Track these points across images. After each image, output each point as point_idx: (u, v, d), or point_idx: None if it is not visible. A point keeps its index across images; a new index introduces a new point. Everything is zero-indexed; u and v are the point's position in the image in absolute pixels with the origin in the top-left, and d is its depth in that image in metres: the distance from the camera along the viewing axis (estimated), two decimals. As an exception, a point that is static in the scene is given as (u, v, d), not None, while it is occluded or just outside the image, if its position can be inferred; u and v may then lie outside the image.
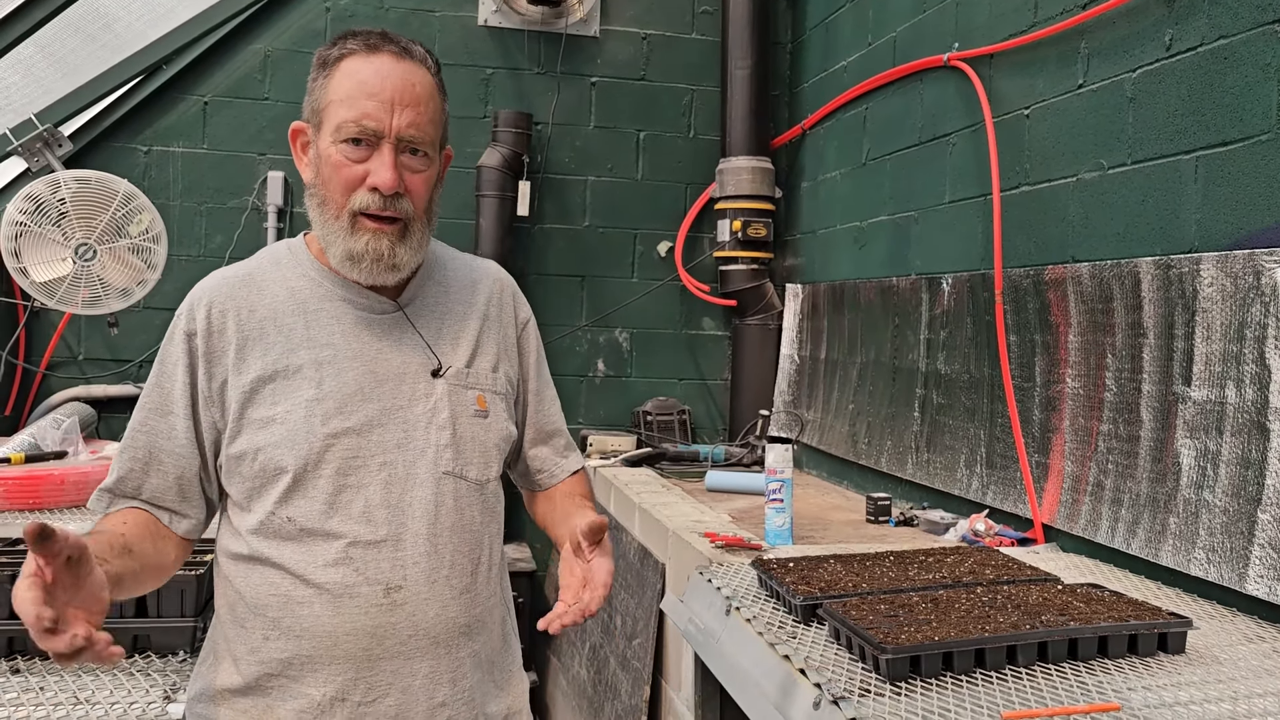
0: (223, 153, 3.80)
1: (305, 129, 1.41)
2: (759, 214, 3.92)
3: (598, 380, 4.15)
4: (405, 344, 1.42)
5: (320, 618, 1.32)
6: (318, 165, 1.38)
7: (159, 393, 1.40)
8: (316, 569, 1.33)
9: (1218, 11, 1.91)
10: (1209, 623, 1.71)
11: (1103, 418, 2.14)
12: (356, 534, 1.34)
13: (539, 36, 4.04)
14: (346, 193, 1.34)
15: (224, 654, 1.39)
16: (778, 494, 2.34)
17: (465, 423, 1.43)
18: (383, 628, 1.33)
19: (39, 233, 2.87)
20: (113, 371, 3.72)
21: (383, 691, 1.34)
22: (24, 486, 2.46)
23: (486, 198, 3.85)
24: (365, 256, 1.35)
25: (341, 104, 1.34)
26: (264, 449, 1.34)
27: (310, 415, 1.34)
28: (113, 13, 3.40)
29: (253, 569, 1.36)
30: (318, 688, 1.33)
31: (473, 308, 1.51)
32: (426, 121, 1.37)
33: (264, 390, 1.36)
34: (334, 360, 1.38)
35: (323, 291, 1.42)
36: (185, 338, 1.40)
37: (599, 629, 3.11)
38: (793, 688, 1.47)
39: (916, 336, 2.96)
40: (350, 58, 1.36)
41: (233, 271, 1.45)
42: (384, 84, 1.33)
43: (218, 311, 1.40)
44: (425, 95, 1.37)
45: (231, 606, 1.39)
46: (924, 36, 3.02)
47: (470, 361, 1.46)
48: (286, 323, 1.39)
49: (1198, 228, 1.95)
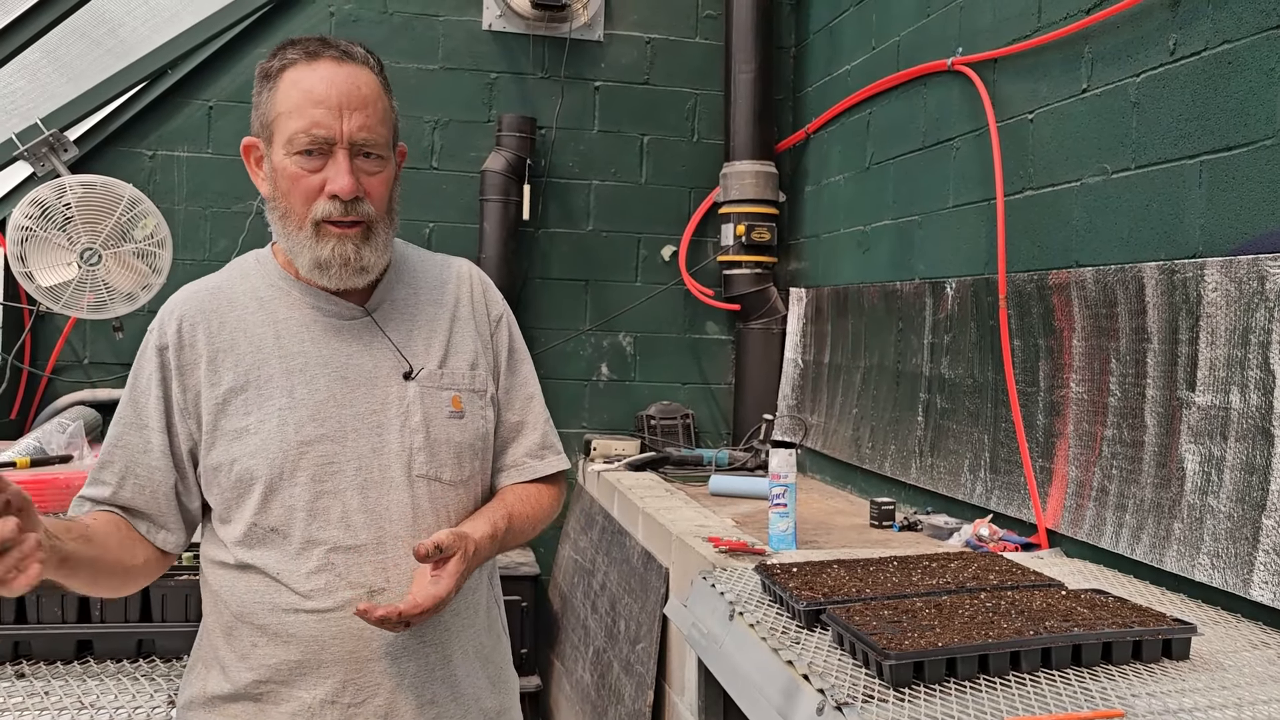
0: (227, 157, 3.81)
1: (257, 144, 1.42)
2: (763, 218, 3.92)
3: (601, 384, 4.15)
4: (375, 348, 1.43)
5: (306, 623, 1.34)
6: (274, 179, 1.39)
7: (133, 407, 1.41)
8: (300, 576, 1.34)
9: (1222, 16, 1.91)
10: (1213, 629, 1.70)
11: (1107, 423, 2.14)
12: (337, 540, 1.35)
13: (543, 41, 4.05)
14: (307, 203, 1.35)
15: (213, 662, 1.40)
16: (781, 498, 2.34)
17: (439, 425, 1.43)
18: (368, 630, 1.34)
19: (45, 237, 2.88)
20: (118, 375, 3.72)
21: (372, 692, 1.36)
22: (29, 490, 2.45)
23: (490, 202, 3.85)
24: (333, 262, 1.36)
25: (290, 115, 1.34)
26: (239, 460, 1.35)
27: (283, 424, 1.35)
28: (118, 18, 3.41)
29: (238, 578, 1.37)
30: (308, 690, 1.34)
31: (443, 307, 1.50)
32: (376, 123, 1.37)
33: (236, 401, 1.37)
34: (304, 369, 1.38)
35: (291, 300, 1.43)
36: (157, 351, 1.40)
37: (603, 633, 3.11)
38: (796, 693, 1.47)
39: (920, 341, 2.96)
40: (292, 68, 1.37)
41: (202, 285, 1.46)
42: (329, 90, 1.34)
43: (188, 325, 1.40)
44: (372, 96, 1.37)
45: (218, 615, 1.40)
46: (928, 41, 3.02)
47: (443, 362, 1.46)
48: (256, 333, 1.40)
49: (1202, 232, 1.95)
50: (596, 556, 3.37)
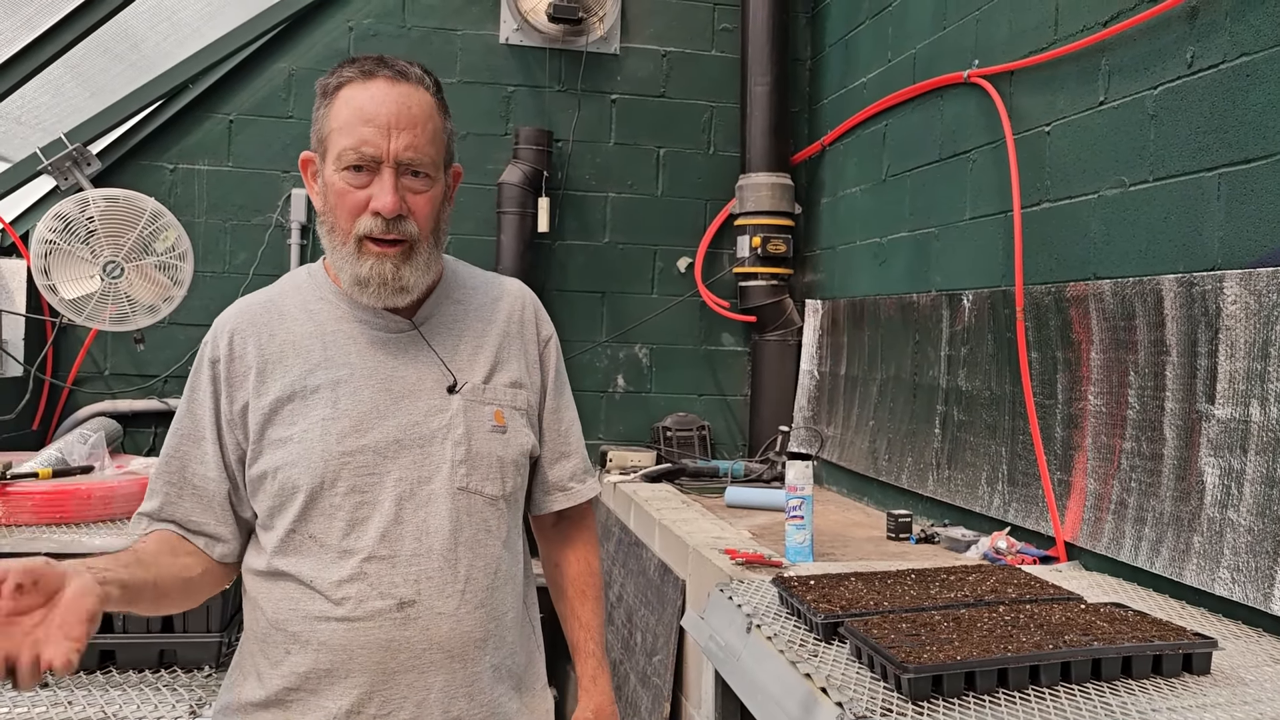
0: (247, 170, 3.85)
1: (313, 158, 1.45)
2: (779, 230, 3.93)
3: (618, 396, 4.16)
4: (420, 361, 1.45)
5: (336, 631, 1.35)
6: (325, 193, 1.41)
7: (190, 419, 1.44)
8: (332, 584, 1.36)
9: (1240, 29, 1.91)
10: (1234, 643, 1.69)
11: (1125, 435, 2.13)
12: (372, 549, 1.36)
13: (560, 54, 4.07)
14: (351, 219, 1.37)
15: (249, 669, 1.42)
16: (798, 510, 2.34)
17: (481, 438, 1.44)
18: (396, 641, 1.35)
19: (68, 250, 2.91)
20: (138, 387, 3.76)
21: (398, 705, 1.36)
22: (51, 501, 2.48)
23: (507, 214, 3.88)
24: (371, 280, 1.38)
25: (341, 132, 1.37)
26: (281, 468, 1.37)
27: (326, 434, 1.37)
28: (140, 33, 3.45)
29: (274, 585, 1.39)
30: (335, 700, 1.35)
31: (492, 324, 1.52)
32: (425, 142, 1.39)
33: (282, 411, 1.39)
34: (350, 380, 1.41)
35: (339, 314, 1.45)
36: (210, 364, 1.44)
37: (619, 645, 3.11)
38: (814, 706, 1.47)
39: (937, 353, 2.96)
40: (347, 85, 1.39)
41: (255, 299, 1.49)
42: (379, 109, 1.36)
43: (239, 338, 1.43)
44: (423, 116, 1.39)
45: (255, 622, 1.42)
46: (944, 53, 3.02)
47: (488, 378, 1.48)
48: (305, 345, 1.42)
49: (1221, 245, 1.94)
50: (613, 568, 3.38)
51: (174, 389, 3.78)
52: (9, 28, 2.94)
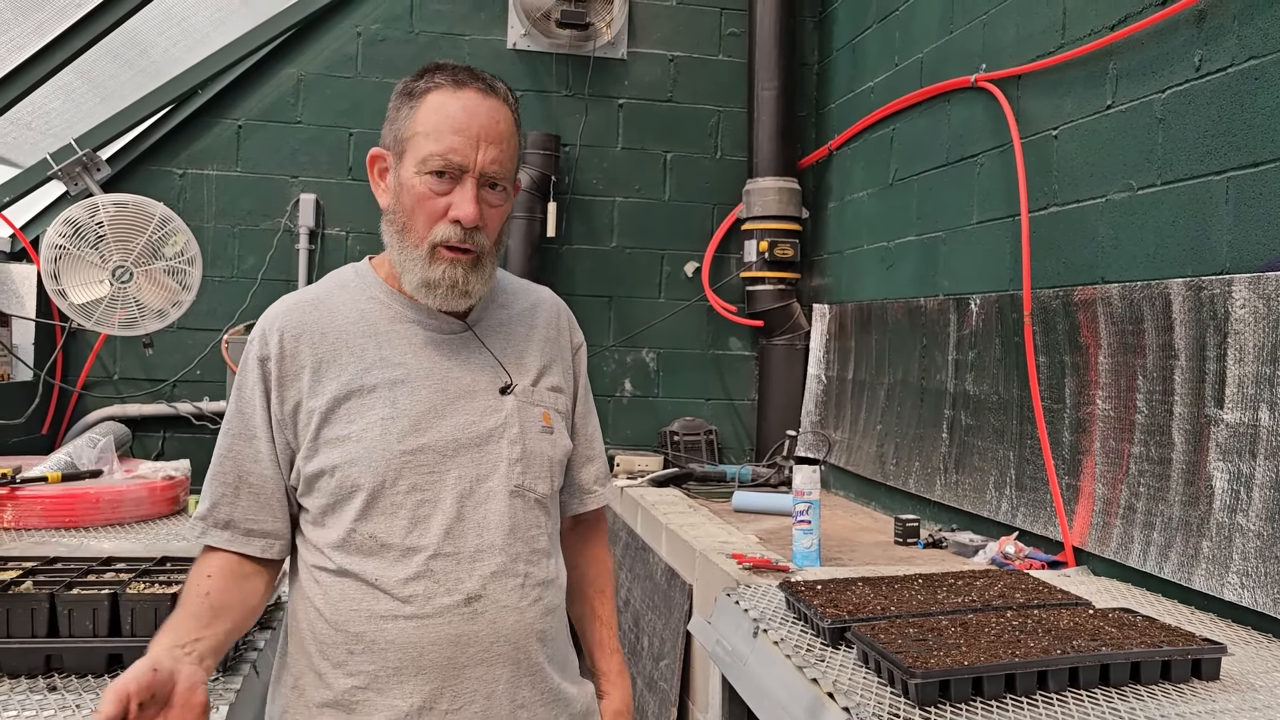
0: (256, 175, 3.86)
1: (385, 156, 1.45)
2: (786, 234, 3.93)
3: (625, 400, 4.16)
4: (474, 362, 1.47)
5: (404, 630, 1.36)
6: (398, 193, 1.42)
7: (240, 419, 1.44)
8: (398, 583, 1.36)
9: (1248, 33, 1.91)
10: (1244, 649, 1.68)
11: (1134, 440, 2.12)
12: (436, 547, 1.38)
13: (567, 59, 4.08)
14: (429, 224, 1.39)
15: (305, 670, 1.41)
16: (805, 515, 2.34)
17: (534, 438, 1.47)
18: (465, 636, 1.37)
19: (77, 255, 2.92)
20: (147, 391, 3.78)
21: (468, 699, 1.38)
22: (60, 505, 2.49)
23: (515, 218, 3.88)
24: (441, 284, 1.40)
25: (427, 137, 1.38)
26: (340, 466, 1.38)
27: (386, 433, 1.38)
28: (150, 39, 3.47)
29: (334, 585, 1.39)
30: (404, 699, 1.36)
31: (535, 329, 1.56)
32: (507, 158, 1.41)
33: (340, 410, 1.40)
34: (407, 379, 1.42)
35: (392, 313, 1.46)
36: (259, 363, 1.43)
37: (626, 649, 3.11)
38: (821, 711, 1.46)
39: (944, 357, 2.95)
40: (436, 91, 1.40)
41: (302, 296, 1.49)
42: (470, 121, 1.38)
43: (290, 336, 1.43)
44: (507, 133, 1.42)
45: (310, 624, 1.41)
46: (951, 57, 3.02)
47: (536, 380, 1.52)
48: (358, 344, 1.43)
49: (1229, 249, 1.94)
50: (620, 573, 3.38)
51: (182, 393, 3.79)
52: (20, 34, 2.96)
